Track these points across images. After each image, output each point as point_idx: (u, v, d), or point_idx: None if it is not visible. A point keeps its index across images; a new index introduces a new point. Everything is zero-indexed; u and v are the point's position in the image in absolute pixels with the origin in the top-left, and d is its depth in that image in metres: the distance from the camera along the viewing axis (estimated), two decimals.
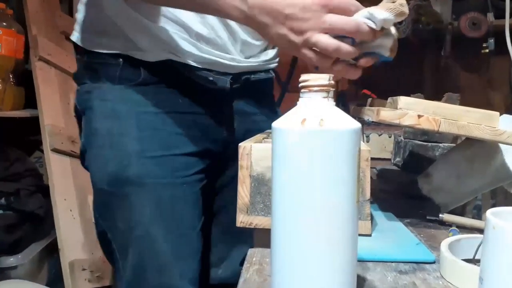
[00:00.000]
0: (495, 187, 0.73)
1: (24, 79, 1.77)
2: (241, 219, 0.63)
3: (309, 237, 0.41)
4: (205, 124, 0.84)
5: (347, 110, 1.01)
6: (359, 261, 0.53)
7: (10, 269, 1.62)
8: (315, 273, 0.41)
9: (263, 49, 0.91)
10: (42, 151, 1.82)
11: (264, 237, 0.59)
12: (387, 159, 1.24)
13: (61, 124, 1.71)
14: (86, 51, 0.83)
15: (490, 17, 1.58)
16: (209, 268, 0.91)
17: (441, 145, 0.99)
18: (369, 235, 0.64)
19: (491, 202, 0.75)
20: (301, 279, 0.41)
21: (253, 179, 0.63)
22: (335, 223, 0.41)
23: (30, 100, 1.73)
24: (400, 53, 0.68)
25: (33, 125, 1.68)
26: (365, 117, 0.73)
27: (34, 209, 1.69)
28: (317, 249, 0.41)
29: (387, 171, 1.17)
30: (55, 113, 1.70)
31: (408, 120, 0.62)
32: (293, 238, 0.42)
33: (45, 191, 1.69)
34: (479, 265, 0.41)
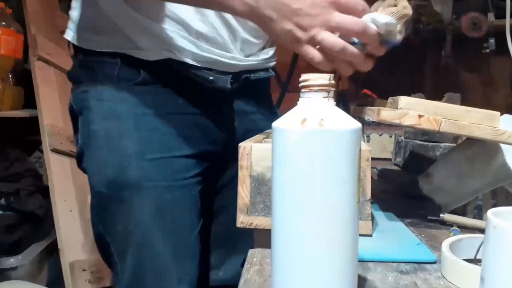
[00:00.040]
0: (495, 187, 0.73)
1: (23, 78, 1.77)
2: (242, 220, 0.63)
3: (309, 237, 0.41)
4: (205, 124, 0.83)
5: (348, 110, 1.01)
6: (359, 261, 0.53)
7: (10, 270, 1.62)
8: (315, 273, 0.41)
9: (262, 48, 0.90)
10: (41, 151, 1.82)
11: (264, 238, 0.59)
12: (388, 159, 1.24)
13: (60, 124, 1.71)
14: (81, 50, 0.81)
15: (490, 17, 1.58)
16: (209, 270, 0.91)
17: (442, 145, 0.98)
18: (370, 235, 0.64)
19: (492, 202, 0.75)
20: (301, 280, 0.41)
21: (253, 179, 0.62)
22: (335, 223, 0.41)
23: (29, 100, 1.73)
24: (400, 53, 0.67)
25: (33, 125, 1.68)
26: (366, 117, 0.73)
27: (34, 209, 1.69)
28: (317, 249, 0.41)
29: (388, 171, 1.17)
30: (54, 113, 1.70)
31: (408, 120, 0.62)
32: (293, 238, 0.41)
33: (45, 191, 1.69)
34: (480, 265, 0.41)
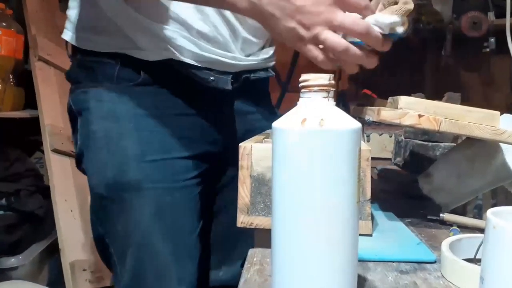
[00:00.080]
0: (495, 186, 0.73)
1: (23, 79, 1.77)
2: (242, 220, 0.63)
3: (309, 237, 0.41)
4: (205, 125, 0.83)
5: (348, 110, 1.01)
6: (359, 261, 0.53)
7: (10, 270, 1.62)
8: (315, 273, 0.41)
9: (262, 47, 0.90)
10: (42, 152, 1.82)
11: (264, 237, 0.59)
12: (388, 159, 1.24)
13: (61, 124, 1.71)
14: (80, 50, 0.81)
15: (490, 16, 1.58)
16: (209, 270, 0.91)
17: (442, 144, 0.98)
18: (370, 235, 0.64)
19: (492, 201, 0.75)
20: (301, 279, 0.41)
21: (254, 179, 0.62)
22: (335, 223, 0.41)
23: (30, 100, 1.73)
24: (400, 53, 0.67)
25: (33, 126, 1.68)
26: (366, 117, 0.73)
27: (34, 209, 1.69)
28: (317, 249, 0.41)
29: (388, 171, 1.17)
30: (55, 113, 1.70)
31: (408, 119, 0.62)
32: (293, 238, 0.41)
33: (45, 191, 1.69)
34: (480, 265, 0.41)
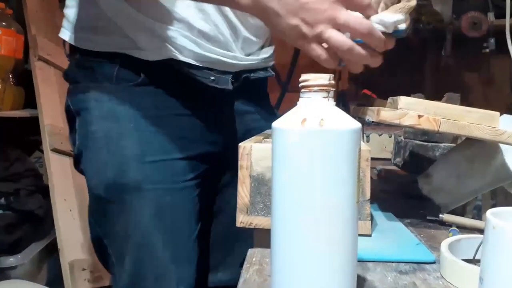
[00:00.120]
0: (495, 187, 0.73)
1: (23, 79, 1.77)
2: (241, 219, 0.63)
3: (309, 237, 0.41)
4: (205, 125, 0.83)
5: (347, 110, 1.01)
6: (359, 261, 0.53)
7: (10, 269, 1.62)
8: (315, 273, 0.41)
9: (261, 47, 0.89)
10: (42, 151, 1.82)
11: (264, 237, 0.59)
12: (387, 159, 1.24)
13: (60, 124, 1.71)
14: (79, 50, 0.80)
15: (490, 16, 1.58)
16: (208, 270, 0.91)
17: (441, 145, 0.98)
18: (369, 235, 0.64)
19: (491, 202, 0.75)
20: (301, 279, 0.41)
21: (253, 179, 0.62)
22: (335, 223, 0.41)
23: (29, 100, 1.73)
24: (400, 53, 0.67)
25: (33, 125, 1.68)
26: (366, 117, 0.73)
27: (33, 209, 1.69)
28: (317, 249, 0.41)
29: (387, 171, 1.17)
30: (54, 113, 1.70)
31: (408, 120, 0.62)
32: (293, 238, 0.41)
33: (45, 191, 1.69)
34: (479, 265, 0.41)
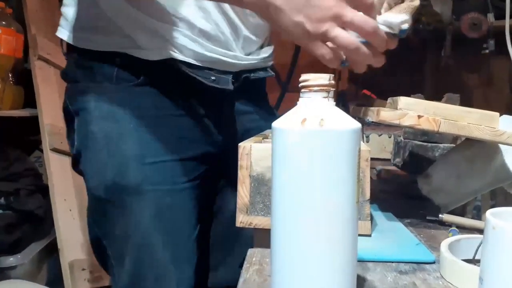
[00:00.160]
0: (495, 187, 0.73)
1: (23, 78, 1.77)
2: (241, 219, 0.63)
3: (309, 237, 0.41)
4: (205, 126, 0.82)
5: (347, 110, 1.01)
6: (359, 261, 0.53)
7: (9, 269, 1.62)
8: (315, 273, 0.41)
9: (261, 46, 0.89)
10: (41, 151, 1.82)
11: (264, 237, 0.59)
12: (387, 160, 1.24)
13: (60, 123, 1.70)
14: (78, 49, 0.79)
15: (490, 17, 1.58)
16: (208, 270, 0.91)
17: (441, 145, 0.98)
18: (369, 235, 0.64)
19: (491, 202, 0.75)
20: (301, 279, 0.41)
21: (253, 179, 0.62)
22: (335, 223, 0.41)
23: (29, 99, 1.73)
24: (400, 53, 0.67)
25: (33, 125, 1.68)
26: (365, 117, 0.73)
27: (33, 209, 1.69)
28: (317, 249, 0.41)
29: (387, 171, 1.17)
30: (54, 113, 1.70)
31: (408, 120, 0.62)
32: (293, 238, 0.41)
33: (44, 191, 1.69)
34: (479, 265, 0.41)
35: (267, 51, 0.90)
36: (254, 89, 0.90)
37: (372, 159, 0.63)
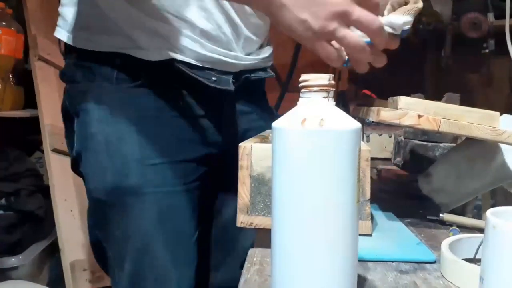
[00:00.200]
0: (495, 187, 0.73)
1: (23, 78, 1.77)
2: (242, 219, 0.63)
3: (309, 237, 0.41)
4: (206, 126, 0.82)
5: (347, 110, 1.01)
6: (359, 261, 0.53)
7: (11, 270, 1.63)
8: (315, 273, 0.41)
9: (260, 46, 0.89)
10: (42, 151, 1.82)
11: (264, 237, 0.59)
12: (387, 159, 1.24)
13: (61, 124, 1.70)
14: (77, 49, 0.78)
15: (490, 17, 1.58)
16: (209, 271, 0.91)
17: (441, 145, 0.98)
18: (370, 235, 0.64)
19: (491, 202, 0.75)
20: (301, 279, 0.41)
21: (253, 179, 0.63)
22: (335, 223, 0.41)
23: (30, 100, 1.73)
24: (400, 53, 0.67)
25: (33, 125, 1.68)
26: (366, 117, 0.73)
27: (34, 209, 1.69)
28: (318, 249, 0.41)
29: (387, 171, 1.17)
30: (55, 113, 1.70)
31: (408, 120, 0.62)
32: (293, 238, 0.42)
33: (45, 191, 1.69)
34: (479, 265, 0.41)
35: (266, 52, 0.90)
36: (253, 90, 0.90)
37: (372, 159, 0.63)
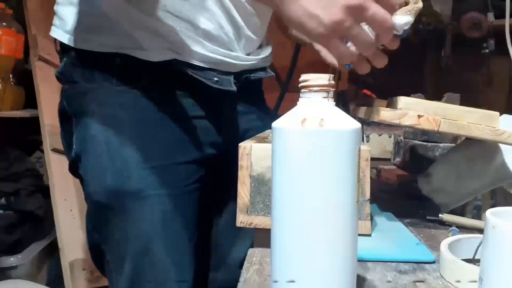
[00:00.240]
0: (495, 187, 0.73)
1: (24, 79, 1.77)
2: (241, 219, 0.63)
3: (309, 237, 0.41)
4: (206, 127, 0.82)
5: (347, 110, 1.01)
6: (359, 261, 0.53)
7: (10, 269, 1.63)
8: (315, 273, 0.41)
9: (259, 46, 0.88)
10: (42, 151, 1.82)
11: (264, 237, 0.59)
12: (387, 159, 1.24)
13: None
14: (75, 49, 0.76)
15: (490, 17, 1.58)
16: (209, 271, 0.91)
17: (441, 145, 0.99)
18: (369, 235, 0.64)
19: (491, 202, 0.75)
20: (301, 279, 0.41)
21: (253, 179, 0.63)
22: (335, 223, 0.41)
23: (30, 100, 1.73)
24: (400, 53, 0.67)
25: (33, 125, 1.69)
26: (366, 117, 0.73)
27: (34, 209, 1.69)
28: (317, 249, 0.41)
29: (387, 171, 1.17)
30: (55, 113, 1.68)
31: (408, 120, 0.62)
32: (293, 238, 0.42)
33: (45, 191, 1.70)
34: (478, 265, 0.41)
35: (266, 51, 0.90)
36: (253, 90, 0.90)
37: (372, 159, 0.63)
